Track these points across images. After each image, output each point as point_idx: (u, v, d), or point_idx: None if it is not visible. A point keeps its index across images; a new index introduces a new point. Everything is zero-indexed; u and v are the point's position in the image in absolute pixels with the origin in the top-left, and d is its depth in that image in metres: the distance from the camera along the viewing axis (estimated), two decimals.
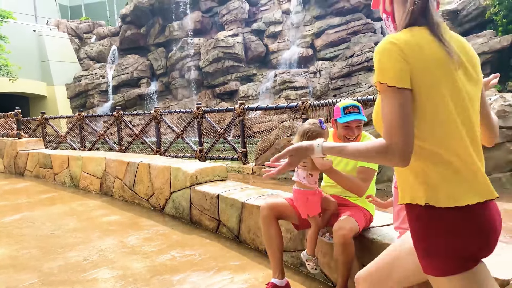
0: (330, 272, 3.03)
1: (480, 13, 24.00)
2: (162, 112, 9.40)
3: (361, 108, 2.86)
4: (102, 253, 3.81)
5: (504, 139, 5.92)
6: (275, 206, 2.92)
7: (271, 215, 2.90)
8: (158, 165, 5.18)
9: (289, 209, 2.93)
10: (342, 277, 2.64)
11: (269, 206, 2.91)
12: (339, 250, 2.60)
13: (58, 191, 6.75)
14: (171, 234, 4.29)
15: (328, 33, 24.02)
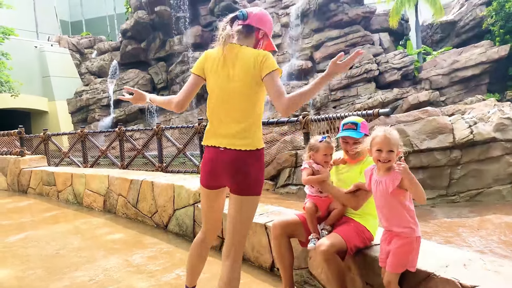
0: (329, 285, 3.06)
1: (477, 24, 24.23)
2: (164, 127, 9.46)
3: (360, 124, 2.93)
4: (107, 272, 3.84)
5: (503, 152, 5.98)
6: (287, 225, 3.01)
7: (283, 234, 2.99)
8: (161, 183, 5.23)
9: (300, 226, 3.00)
10: None
11: (281, 225, 3.00)
12: (324, 267, 2.69)
13: (62, 209, 6.79)
14: (175, 252, 4.32)
15: (327, 45, 24.24)
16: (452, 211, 5.51)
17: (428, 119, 5.94)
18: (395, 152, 2.46)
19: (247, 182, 2.45)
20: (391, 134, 2.47)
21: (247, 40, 2.52)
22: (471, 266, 2.44)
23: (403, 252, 2.44)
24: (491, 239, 4.37)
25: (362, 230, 2.87)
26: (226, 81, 2.47)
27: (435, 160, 5.87)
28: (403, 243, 2.45)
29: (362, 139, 2.84)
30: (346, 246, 2.71)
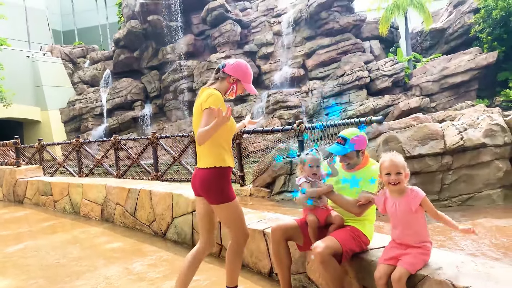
0: None
1: (465, 31, 24.66)
2: (159, 136, 9.54)
3: (349, 140, 3.01)
4: (108, 281, 3.90)
5: (493, 157, 6.13)
6: (287, 229, 3.12)
7: (282, 237, 3.11)
8: (160, 192, 5.30)
9: (298, 230, 3.12)
10: None
11: (281, 228, 3.11)
12: (320, 269, 2.79)
13: (59, 218, 6.82)
14: (174, 260, 4.39)
15: (319, 53, 24.50)
16: None
17: (419, 125, 6.09)
18: (402, 173, 2.67)
19: (210, 194, 2.95)
20: (396, 158, 2.69)
21: (221, 84, 3.06)
22: (463, 268, 2.55)
23: (420, 254, 2.63)
24: (482, 242, 4.49)
25: (358, 234, 2.97)
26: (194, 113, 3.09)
27: (427, 166, 6.01)
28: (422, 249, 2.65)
29: (351, 153, 3.01)
30: (342, 249, 2.81)
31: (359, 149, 3.03)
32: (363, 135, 3.08)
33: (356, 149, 3.01)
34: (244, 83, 3.07)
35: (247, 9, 27.65)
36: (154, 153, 9.63)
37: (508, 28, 21.70)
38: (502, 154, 6.15)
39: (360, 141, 3.03)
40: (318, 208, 3.13)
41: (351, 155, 3.02)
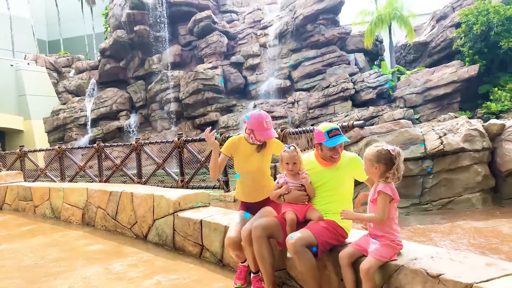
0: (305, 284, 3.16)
1: (447, 45, 25.24)
2: (143, 143, 9.49)
3: (340, 129, 3.13)
4: (87, 280, 3.84)
5: (472, 161, 6.25)
6: (268, 226, 3.12)
7: (264, 236, 3.10)
8: (141, 194, 5.27)
9: (278, 227, 3.13)
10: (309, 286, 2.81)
11: (262, 226, 3.11)
12: (295, 260, 2.82)
13: (39, 223, 6.70)
14: (155, 261, 4.35)
15: (305, 65, 24.79)
16: (425, 219, 5.71)
17: (400, 130, 6.19)
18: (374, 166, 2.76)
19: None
20: (366, 151, 2.82)
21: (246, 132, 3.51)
22: (437, 258, 2.59)
23: (388, 244, 2.69)
24: (461, 242, 4.56)
25: (334, 226, 2.99)
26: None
27: (407, 170, 6.09)
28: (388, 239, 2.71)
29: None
30: (317, 241, 2.83)
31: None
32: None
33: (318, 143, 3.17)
34: (257, 131, 3.40)
35: (234, 20, 27.91)
36: (137, 160, 9.57)
37: (488, 42, 22.28)
38: (481, 159, 6.28)
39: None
40: (297, 204, 3.16)
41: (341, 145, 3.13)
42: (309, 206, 3.16)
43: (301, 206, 3.16)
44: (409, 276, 2.49)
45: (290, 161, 3.19)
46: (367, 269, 2.60)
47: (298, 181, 3.18)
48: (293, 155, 3.19)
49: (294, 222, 3.07)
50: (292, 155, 3.19)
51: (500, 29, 21.57)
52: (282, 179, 3.25)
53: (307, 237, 2.82)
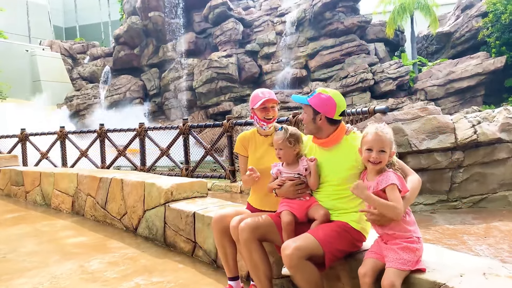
0: None
1: (472, 35, 24.04)
2: (147, 128, 8.93)
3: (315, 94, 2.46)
4: (55, 280, 3.27)
5: (510, 154, 5.48)
6: (257, 227, 2.45)
7: (252, 238, 2.43)
8: (132, 181, 4.67)
9: (273, 228, 2.46)
10: None
11: (250, 227, 2.43)
12: (291, 273, 2.14)
13: (28, 210, 6.20)
14: (140, 258, 3.75)
15: (322, 54, 23.93)
16: (454, 218, 4.99)
17: (428, 117, 5.45)
18: (387, 152, 2.13)
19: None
20: (383, 131, 2.14)
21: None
22: (492, 276, 1.91)
23: (406, 247, 2.05)
24: (501, 248, 3.85)
25: (347, 229, 2.31)
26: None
27: (435, 162, 5.36)
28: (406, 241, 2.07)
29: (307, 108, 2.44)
30: (323, 250, 2.17)
31: (318, 110, 2.38)
32: (335, 101, 2.39)
33: (313, 106, 2.39)
34: (255, 105, 2.80)
35: (250, 7, 27.15)
36: (141, 146, 9.02)
37: None
38: None
39: (323, 102, 2.38)
40: (296, 200, 2.50)
41: (307, 111, 2.43)
42: (312, 201, 2.48)
43: (301, 202, 2.49)
44: None
45: (276, 146, 2.55)
46: (390, 285, 1.93)
47: (295, 170, 2.51)
48: (278, 138, 2.53)
49: (291, 225, 2.39)
50: (277, 138, 2.54)
51: None
52: (275, 168, 2.60)
53: (309, 246, 2.15)
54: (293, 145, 2.51)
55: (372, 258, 2.12)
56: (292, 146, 2.51)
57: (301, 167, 2.51)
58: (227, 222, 2.66)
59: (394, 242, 2.07)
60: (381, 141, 2.11)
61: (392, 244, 2.07)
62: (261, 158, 2.83)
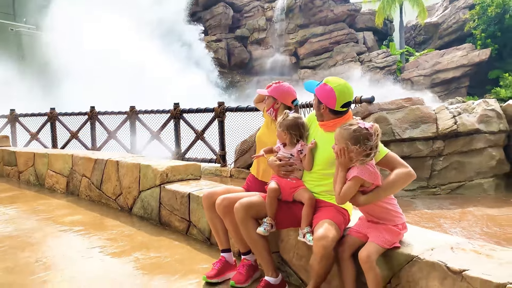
0: (307, 276, 2.75)
1: (459, 27, 24.45)
2: (138, 111, 9.04)
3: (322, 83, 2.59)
4: (57, 254, 3.46)
5: (486, 144, 5.80)
6: (250, 206, 2.67)
7: (247, 217, 2.65)
8: (127, 162, 4.85)
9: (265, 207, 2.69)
10: (314, 283, 2.40)
11: (243, 207, 2.65)
12: (317, 260, 2.32)
13: (22, 190, 6.32)
14: (136, 235, 3.96)
15: (311, 41, 24.10)
16: (433, 203, 5.31)
17: (411, 107, 5.72)
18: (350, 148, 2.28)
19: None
20: (343, 128, 2.33)
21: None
22: (459, 250, 2.17)
23: (389, 228, 2.30)
24: (473, 230, 4.16)
25: (343, 213, 2.56)
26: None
27: (417, 150, 5.65)
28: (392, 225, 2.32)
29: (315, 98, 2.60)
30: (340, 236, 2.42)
31: (321, 101, 2.55)
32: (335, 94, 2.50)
33: (317, 97, 2.57)
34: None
35: None
36: (132, 128, 9.14)
37: (502, 26, 21.52)
38: (496, 142, 5.82)
39: (326, 93, 2.52)
40: (284, 179, 2.72)
41: (315, 98, 2.62)
42: (299, 184, 2.69)
43: (288, 182, 2.70)
44: (425, 269, 2.08)
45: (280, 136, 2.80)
46: (367, 256, 2.18)
47: (290, 151, 2.72)
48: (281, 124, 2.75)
49: (275, 193, 2.65)
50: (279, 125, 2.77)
51: None
52: (278, 144, 2.83)
53: (337, 237, 2.36)
54: (282, 130, 2.74)
55: (353, 236, 2.37)
56: (281, 130, 2.75)
57: (295, 149, 2.71)
58: (215, 199, 2.87)
59: (381, 225, 2.31)
60: (339, 137, 2.29)
61: (378, 224, 2.31)
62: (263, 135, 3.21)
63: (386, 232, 2.27)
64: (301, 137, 2.73)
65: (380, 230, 2.28)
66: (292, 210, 2.67)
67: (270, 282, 2.63)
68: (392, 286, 2.23)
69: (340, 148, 2.29)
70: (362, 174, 2.25)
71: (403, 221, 2.37)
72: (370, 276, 2.16)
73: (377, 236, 2.26)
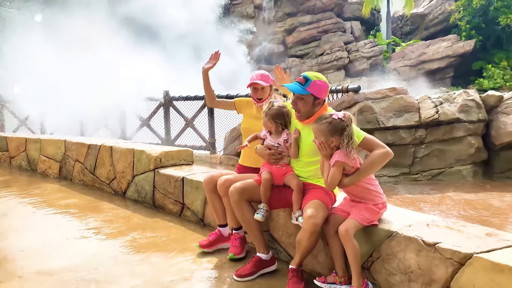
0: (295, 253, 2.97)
1: (445, 18, 24.80)
2: None
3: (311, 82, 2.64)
4: (56, 234, 3.61)
5: (466, 133, 6.08)
6: (245, 190, 2.87)
7: (242, 200, 2.86)
8: (121, 148, 4.99)
9: (258, 190, 2.88)
10: (300, 257, 2.62)
11: (238, 191, 2.85)
12: (306, 236, 2.53)
13: (14, 175, 6.41)
14: (132, 217, 4.13)
15: (300, 30, 24.20)
16: (414, 188, 5.58)
17: (395, 97, 5.96)
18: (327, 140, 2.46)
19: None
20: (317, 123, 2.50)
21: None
22: (434, 226, 2.40)
23: (370, 207, 2.50)
24: (450, 213, 4.43)
25: (330, 194, 2.76)
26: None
27: (400, 138, 5.91)
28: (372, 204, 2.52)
29: (308, 97, 2.63)
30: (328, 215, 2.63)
31: (318, 96, 2.66)
32: (327, 84, 2.76)
33: (314, 94, 2.64)
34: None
35: None
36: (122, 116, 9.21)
37: (486, 18, 21.91)
38: (475, 131, 6.11)
39: (321, 88, 2.66)
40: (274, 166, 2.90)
41: (308, 99, 2.63)
42: (288, 170, 2.87)
43: (279, 169, 2.88)
44: (403, 243, 2.30)
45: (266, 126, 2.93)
46: (345, 231, 2.40)
47: (276, 140, 2.88)
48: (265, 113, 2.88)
49: (268, 182, 2.84)
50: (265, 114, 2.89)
51: (500, 4, 21.16)
52: (264, 132, 2.98)
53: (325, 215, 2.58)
54: (268, 119, 2.85)
55: (337, 214, 2.58)
56: (267, 119, 2.87)
57: (282, 138, 2.87)
58: (215, 182, 3.10)
59: (362, 204, 2.52)
60: (318, 132, 2.47)
61: (359, 203, 2.53)
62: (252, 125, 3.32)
63: (366, 211, 2.48)
64: (286, 126, 2.87)
65: (361, 208, 2.49)
66: (282, 193, 2.87)
67: (262, 258, 2.84)
68: (374, 259, 2.45)
69: (320, 142, 2.47)
70: (342, 157, 2.43)
71: (383, 200, 2.58)
72: (349, 248, 2.39)
73: (356, 214, 2.47)
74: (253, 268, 2.79)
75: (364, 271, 2.48)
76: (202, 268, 2.93)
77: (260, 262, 2.84)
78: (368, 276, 2.46)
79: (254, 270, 2.79)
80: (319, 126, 2.47)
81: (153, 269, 2.90)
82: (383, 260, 2.39)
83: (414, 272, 2.22)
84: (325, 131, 2.44)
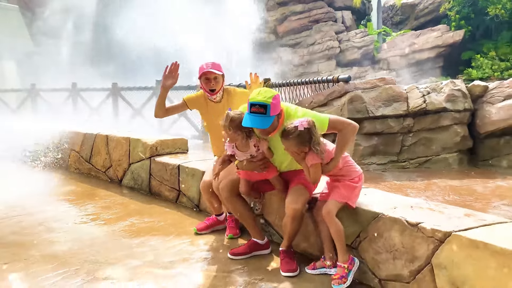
0: None
1: (435, 8, 24.94)
2: (121, 87, 9.17)
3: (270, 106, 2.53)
4: (57, 218, 3.74)
5: (452, 122, 6.26)
6: (232, 185, 2.99)
7: (231, 195, 3.01)
8: (117, 136, 5.10)
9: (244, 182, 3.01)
10: (288, 239, 2.81)
11: (228, 188, 2.98)
12: (289, 221, 2.72)
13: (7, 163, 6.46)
14: (129, 204, 4.26)
15: (291, 19, 24.18)
16: (401, 175, 5.76)
17: (384, 87, 6.10)
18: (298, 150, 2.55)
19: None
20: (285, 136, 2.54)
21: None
22: (417, 208, 2.57)
23: (347, 184, 2.66)
24: (436, 199, 4.62)
25: None
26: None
27: (388, 127, 6.07)
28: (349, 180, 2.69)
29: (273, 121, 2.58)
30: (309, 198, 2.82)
31: (278, 112, 2.60)
32: (276, 92, 2.61)
33: (276, 114, 2.57)
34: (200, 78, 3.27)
35: None
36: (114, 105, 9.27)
37: (476, 8, 22.09)
38: (461, 120, 6.29)
39: (277, 103, 2.57)
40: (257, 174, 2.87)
41: (274, 122, 2.58)
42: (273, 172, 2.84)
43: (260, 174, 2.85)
44: (388, 224, 2.47)
45: (223, 128, 2.74)
46: (327, 212, 2.57)
47: (247, 151, 2.77)
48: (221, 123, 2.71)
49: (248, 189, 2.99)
50: (221, 123, 2.71)
51: None
52: (230, 149, 2.82)
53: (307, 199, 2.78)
54: (232, 132, 2.66)
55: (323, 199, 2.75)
56: (232, 132, 2.66)
57: (252, 148, 2.74)
58: (210, 185, 3.23)
59: (340, 180, 2.68)
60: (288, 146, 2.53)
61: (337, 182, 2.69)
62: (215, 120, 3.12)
63: (343, 188, 2.65)
64: (249, 132, 2.71)
65: (339, 187, 2.66)
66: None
67: (258, 242, 3.01)
68: (361, 238, 2.62)
69: (292, 152, 2.58)
70: (316, 159, 2.56)
71: (359, 173, 2.74)
72: (333, 227, 2.56)
73: (335, 193, 2.64)
74: (247, 249, 2.97)
75: (352, 250, 2.65)
76: (200, 249, 3.08)
77: (255, 245, 3.01)
78: (356, 255, 2.63)
79: (248, 251, 2.96)
80: (289, 142, 2.52)
81: (153, 251, 3.04)
82: (370, 239, 2.56)
83: (398, 250, 2.39)
84: (296, 144, 2.52)
